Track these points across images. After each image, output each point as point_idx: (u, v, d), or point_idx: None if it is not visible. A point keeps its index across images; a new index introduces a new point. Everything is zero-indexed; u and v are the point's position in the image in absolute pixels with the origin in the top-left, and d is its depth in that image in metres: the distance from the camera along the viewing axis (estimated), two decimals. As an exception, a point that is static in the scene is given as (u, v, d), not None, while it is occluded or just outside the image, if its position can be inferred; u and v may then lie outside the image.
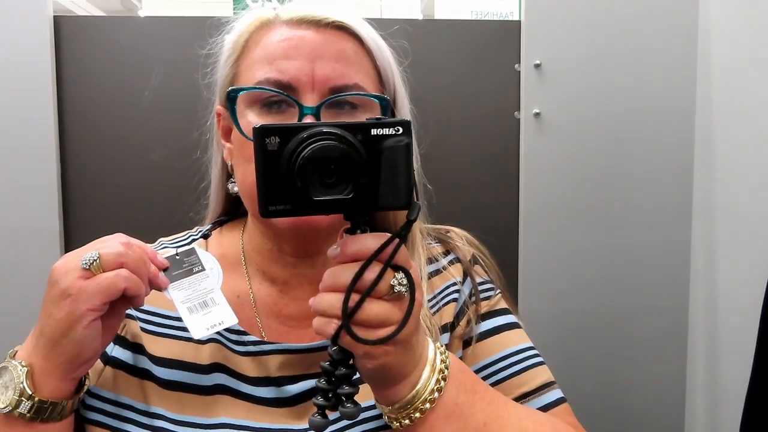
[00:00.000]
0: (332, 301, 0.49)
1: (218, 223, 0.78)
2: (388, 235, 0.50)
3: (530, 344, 0.73)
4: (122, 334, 0.68)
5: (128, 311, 0.67)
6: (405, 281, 0.50)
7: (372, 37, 0.68)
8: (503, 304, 0.75)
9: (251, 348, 0.66)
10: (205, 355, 0.66)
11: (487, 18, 1.84)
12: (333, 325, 0.49)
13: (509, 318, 0.74)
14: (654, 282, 1.45)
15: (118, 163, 1.39)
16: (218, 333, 0.66)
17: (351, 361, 0.52)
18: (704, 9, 1.38)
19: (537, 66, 1.39)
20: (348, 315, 0.48)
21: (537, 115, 1.40)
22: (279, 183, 0.48)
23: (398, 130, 0.49)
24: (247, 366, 0.66)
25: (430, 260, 0.74)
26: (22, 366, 0.56)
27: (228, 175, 0.73)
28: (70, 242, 1.37)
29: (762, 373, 1.03)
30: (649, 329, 1.45)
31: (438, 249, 0.76)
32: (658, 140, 1.42)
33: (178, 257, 0.64)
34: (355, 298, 0.49)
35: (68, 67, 1.37)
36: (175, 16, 1.43)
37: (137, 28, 1.39)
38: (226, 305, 0.62)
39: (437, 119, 1.43)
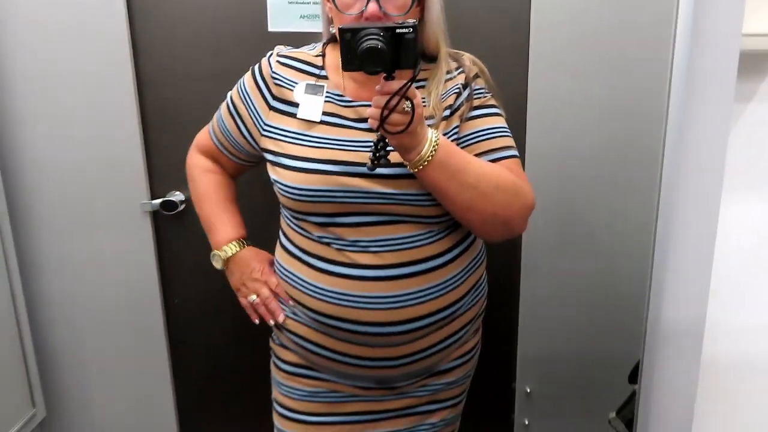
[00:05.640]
0: (376, 112, 0.95)
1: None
2: (405, 81, 0.93)
3: (506, 125, 1.15)
4: (276, 95, 1.16)
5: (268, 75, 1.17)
6: (410, 105, 0.94)
7: None
8: (493, 102, 1.16)
9: (347, 103, 1.12)
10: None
11: None
12: (375, 123, 0.96)
13: (495, 110, 1.16)
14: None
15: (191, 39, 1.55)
16: (327, 95, 1.13)
17: (387, 140, 0.99)
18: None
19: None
20: (383, 119, 0.95)
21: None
22: (351, 56, 0.92)
23: (410, 31, 0.91)
24: (346, 111, 1.11)
25: (448, 72, 1.14)
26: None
27: (330, 21, 1.15)
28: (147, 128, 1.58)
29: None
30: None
31: (453, 65, 1.16)
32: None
33: (314, 84, 1.14)
34: (386, 112, 0.95)
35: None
36: None
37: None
38: (320, 110, 1.12)
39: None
